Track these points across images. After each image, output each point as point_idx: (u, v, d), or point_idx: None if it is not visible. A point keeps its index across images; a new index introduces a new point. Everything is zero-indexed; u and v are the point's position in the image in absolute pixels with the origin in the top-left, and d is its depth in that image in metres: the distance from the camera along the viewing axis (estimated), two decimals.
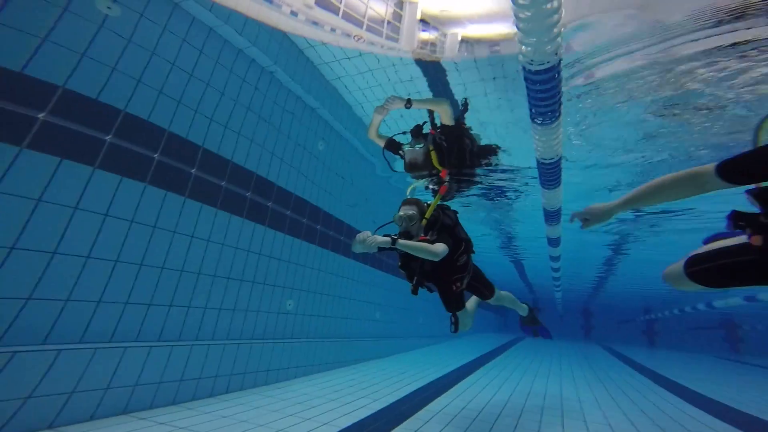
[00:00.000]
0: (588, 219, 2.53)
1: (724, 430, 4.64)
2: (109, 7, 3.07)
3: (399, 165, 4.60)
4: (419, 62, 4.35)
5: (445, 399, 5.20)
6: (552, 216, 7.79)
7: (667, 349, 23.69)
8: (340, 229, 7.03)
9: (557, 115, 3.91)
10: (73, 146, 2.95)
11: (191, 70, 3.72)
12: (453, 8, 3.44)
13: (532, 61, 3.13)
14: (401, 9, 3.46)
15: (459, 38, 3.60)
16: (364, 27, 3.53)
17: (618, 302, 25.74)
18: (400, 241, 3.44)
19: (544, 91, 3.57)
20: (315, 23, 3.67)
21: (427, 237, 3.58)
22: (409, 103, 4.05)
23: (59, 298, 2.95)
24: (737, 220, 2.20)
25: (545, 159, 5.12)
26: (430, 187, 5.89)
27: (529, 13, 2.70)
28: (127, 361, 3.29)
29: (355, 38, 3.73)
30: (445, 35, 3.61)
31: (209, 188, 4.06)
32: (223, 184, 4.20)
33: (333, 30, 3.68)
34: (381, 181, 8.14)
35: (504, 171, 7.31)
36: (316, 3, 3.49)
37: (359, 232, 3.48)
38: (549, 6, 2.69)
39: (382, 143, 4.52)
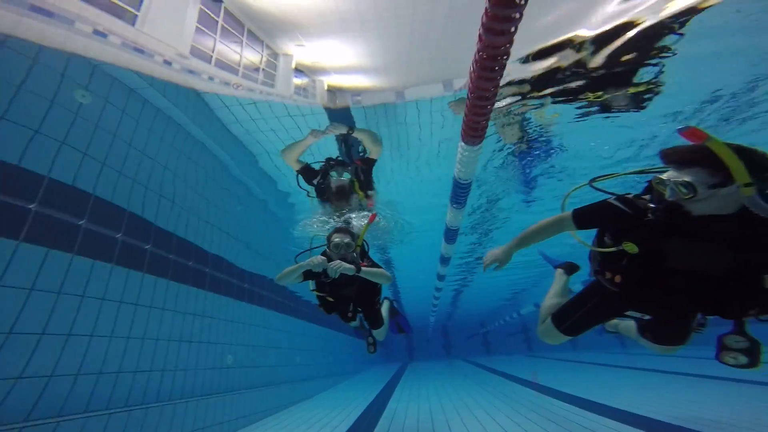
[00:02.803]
0: (497, 262, 2.48)
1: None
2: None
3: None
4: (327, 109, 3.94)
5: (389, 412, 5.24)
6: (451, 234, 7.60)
7: (498, 354, 25.08)
8: (242, 276, 6.10)
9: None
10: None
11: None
12: (323, 61, 3.36)
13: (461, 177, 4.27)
14: (275, 59, 3.25)
15: (325, 86, 3.52)
16: (240, 74, 3.20)
17: (465, 319, 26.15)
18: (364, 268, 3.09)
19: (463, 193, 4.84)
20: (191, 72, 3.22)
21: (365, 263, 3.21)
22: (351, 130, 3.68)
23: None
24: (598, 266, 2.29)
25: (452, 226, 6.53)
26: (334, 218, 5.41)
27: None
28: None
29: (234, 86, 3.36)
30: (314, 82, 3.49)
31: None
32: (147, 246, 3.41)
33: (211, 78, 3.27)
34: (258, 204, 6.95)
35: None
36: (190, 53, 3.07)
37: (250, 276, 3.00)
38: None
39: (297, 167, 3.96)
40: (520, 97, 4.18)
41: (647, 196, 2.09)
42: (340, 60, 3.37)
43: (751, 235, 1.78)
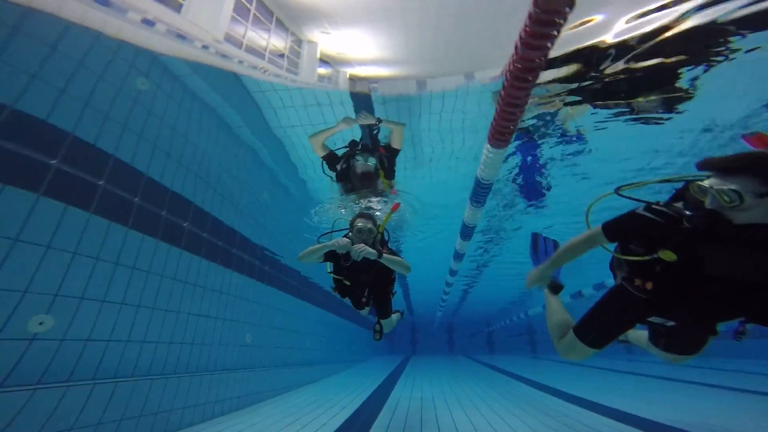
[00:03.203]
0: (539, 282, 2.58)
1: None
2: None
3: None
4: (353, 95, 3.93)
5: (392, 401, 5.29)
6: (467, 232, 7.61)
7: (500, 353, 24.77)
8: (264, 258, 6.19)
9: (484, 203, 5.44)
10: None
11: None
12: (347, 52, 3.37)
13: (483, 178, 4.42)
14: (299, 46, 3.28)
15: (347, 75, 3.54)
16: (266, 59, 3.25)
17: (471, 317, 25.85)
18: (385, 255, 3.06)
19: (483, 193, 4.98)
20: (224, 56, 3.28)
21: (385, 251, 3.16)
22: (379, 120, 3.72)
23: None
24: (626, 273, 2.21)
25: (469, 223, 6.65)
26: (360, 203, 5.46)
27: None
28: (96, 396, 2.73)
29: (261, 70, 3.42)
30: (338, 72, 3.52)
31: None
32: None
33: (240, 62, 3.33)
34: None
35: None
36: (225, 39, 3.13)
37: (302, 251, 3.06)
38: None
39: (322, 153, 3.98)
40: (551, 94, 4.01)
41: (678, 204, 2.04)
42: (363, 49, 3.36)
43: None
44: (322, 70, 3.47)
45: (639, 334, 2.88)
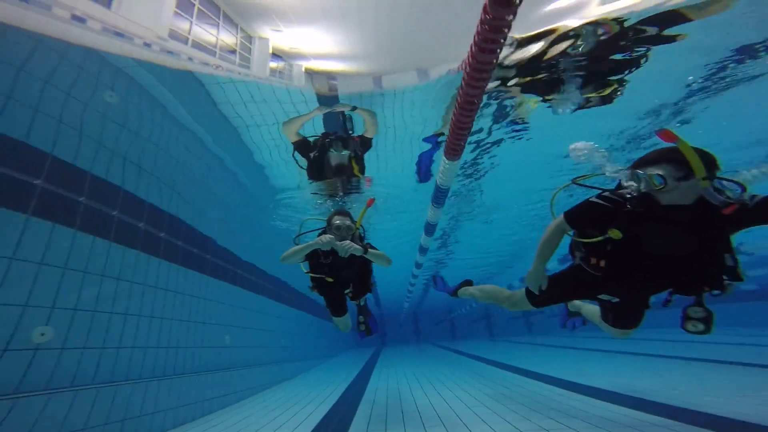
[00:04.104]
0: (539, 283, 2.56)
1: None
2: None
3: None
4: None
5: (370, 392, 5.27)
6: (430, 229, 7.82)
7: (462, 339, 25.32)
8: (236, 262, 5.92)
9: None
10: None
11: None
12: (301, 47, 3.14)
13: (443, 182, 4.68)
14: (249, 42, 3.04)
15: (303, 69, 3.34)
16: (217, 56, 2.99)
17: (435, 306, 25.94)
18: (370, 250, 2.97)
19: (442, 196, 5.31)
20: (171, 53, 2.99)
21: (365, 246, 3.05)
22: (354, 108, 3.56)
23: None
24: (584, 254, 2.42)
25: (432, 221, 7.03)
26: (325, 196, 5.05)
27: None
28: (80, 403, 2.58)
29: (214, 66, 3.15)
30: (291, 66, 3.30)
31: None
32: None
33: (191, 59, 3.04)
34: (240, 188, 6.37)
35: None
36: (169, 35, 2.85)
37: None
38: None
39: (295, 139, 3.76)
40: (500, 83, 4.01)
41: (622, 190, 2.22)
42: (318, 45, 3.16)
43: (706, 220, 2.01)
44: (274, 64, 3.24)
45: (593, 311, 3.08)
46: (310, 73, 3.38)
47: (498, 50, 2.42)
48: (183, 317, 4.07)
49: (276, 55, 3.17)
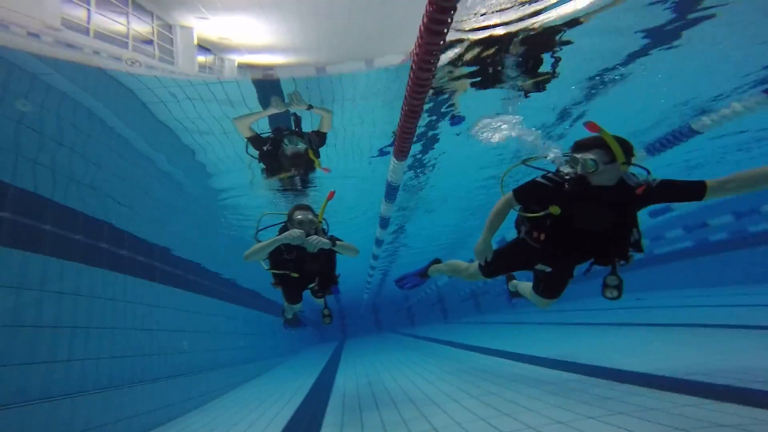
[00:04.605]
0: (485, 254, 2.72)
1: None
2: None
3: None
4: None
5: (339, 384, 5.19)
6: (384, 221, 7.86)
7: (421, 324, 25.62)
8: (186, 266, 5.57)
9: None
10: None
11: None
12: (232, 38, 2.78)
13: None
14: (170, 32, 2.67)
15: (236, 64, 3.03)
16: (130, 48, 2.59)
17: (392, 294, 25.50)
18: (338, 242, 2.90)
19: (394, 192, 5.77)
20: (70, 45, 2.54)
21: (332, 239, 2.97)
22: (310, 107, 3.52)
23: None
24: (527, 228, 2.63)
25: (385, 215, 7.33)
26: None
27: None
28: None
29: (128, 62, 2.74)
30: (222, 59, 2.98)
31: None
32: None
33: (97, 53, 2.62)
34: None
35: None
36: (63, 24, 2.39)
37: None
38: None
39: (248, 134, 3.66)
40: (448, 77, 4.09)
41: (561, 172, 2.47)
42: (253, 36, 2.84)
43: (623, 201, 2.29)
44: (202, 58, 2.90)
45: (526, 286, 3.36)
46: (244, 68, 3.08)
47: (445, 33, 2.39)
48: (134, 326, 3.91)
49: (204, 48, 2.83)
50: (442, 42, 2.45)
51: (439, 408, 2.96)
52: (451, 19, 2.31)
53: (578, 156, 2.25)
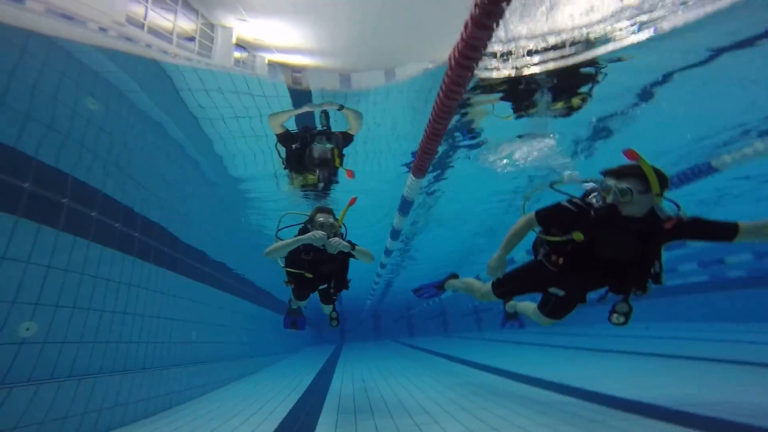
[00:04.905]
0: (499, 270, 2.62)
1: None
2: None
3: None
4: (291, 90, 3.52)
5: (335, 385, 5.19)
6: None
7: (419, 335, 25.45)
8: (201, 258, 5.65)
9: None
10: None
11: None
12: (265, 39, 2.95)
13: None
14: (212, 30, 2.82)
15: (266, 61, 3.16)
16: (174, 43, 2.75)
17: (394, 303, 25.48)
18: (357, 248, 2.91)
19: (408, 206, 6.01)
20: (129, 39, 2.71)
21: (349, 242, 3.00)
22: (341, 107, 3.56)
23: None
24: (546, 251, 2.58)
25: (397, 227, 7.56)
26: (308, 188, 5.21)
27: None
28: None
29: (172, 55, 2.90)
30: (254, 57, 3.10)
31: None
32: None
33: (149, 46, 2.78)
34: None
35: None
36: (126, 20, 2.59)
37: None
38: None
39: (279, 131, 3.75)
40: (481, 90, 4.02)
41: (589, 198, 2.42)
42: (284, 38, 2.97)
43: (650, 232, 2.23)
44: (237, 54, 3.04)
45: (528, 305, 3.30)
46: (274, 66, 3.20)
47: (474, 66, 2.45)
48: (145, 312, 3.92)
49: (239, 46, 2.99)
50: (471, 74, 2.50)
51: (431, 418, 2.96)
52: (481, 55, 2.34)
53: (612, 183, 2.18)
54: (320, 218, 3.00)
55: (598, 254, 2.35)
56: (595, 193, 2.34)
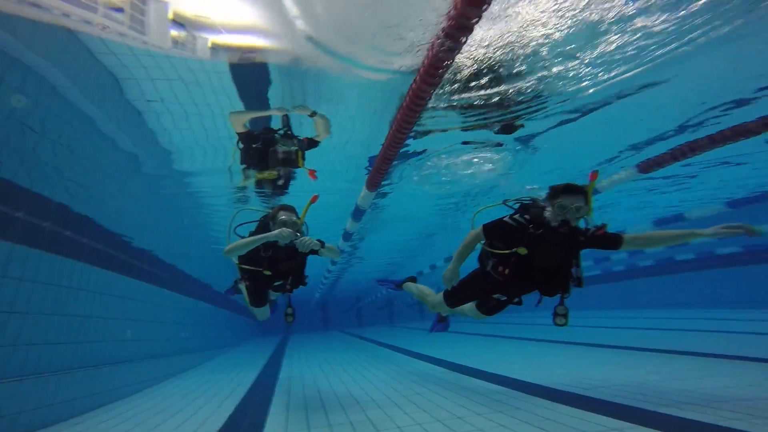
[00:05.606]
0: (452, 280, 2.89)
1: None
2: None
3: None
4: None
5: (283, 380, 5.07)
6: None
7: (367, 325, 25.57)
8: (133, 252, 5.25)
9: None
10: None
11: None
12: (211, 16, 2.56)
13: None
14: (143, 3, 2.43)
15: (209, 44, 2.78)
16: (100, 13, 2.34)
17: (343, 294, 25.73)
18: (326, 245, 2.88)
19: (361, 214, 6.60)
20: (39, 6, 2.23)
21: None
22: (313, 114, 3.53)
23: None
24: (485, 258, 2.86)
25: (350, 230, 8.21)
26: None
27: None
28: None
29: (99, 26, 2.45)
30: (195, 37, 2.73)
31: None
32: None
33: (67, 15, 2.31)
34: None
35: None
36: None
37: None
38: None
39: (241, 130, 3.66)
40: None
41: (533, 212, 2.67)
42: (234, 15, 2.60)
43: (572, 243, 2.59)
44: (175, 33, 2.64)
45: (465, 306, 3.51)
46: (218, 48, 2.85)
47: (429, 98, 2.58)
48: (78, 312, 3.68)
49: (177, 23, 2.60)
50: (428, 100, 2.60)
51: (383, 412, 2.98)
52: (435, 88, 2.47)
53: (568, 202, 2.44)
54: (283, 216, 2.93)
55: (536, 264, 2.65)
56: (549, 208, 2.54)
